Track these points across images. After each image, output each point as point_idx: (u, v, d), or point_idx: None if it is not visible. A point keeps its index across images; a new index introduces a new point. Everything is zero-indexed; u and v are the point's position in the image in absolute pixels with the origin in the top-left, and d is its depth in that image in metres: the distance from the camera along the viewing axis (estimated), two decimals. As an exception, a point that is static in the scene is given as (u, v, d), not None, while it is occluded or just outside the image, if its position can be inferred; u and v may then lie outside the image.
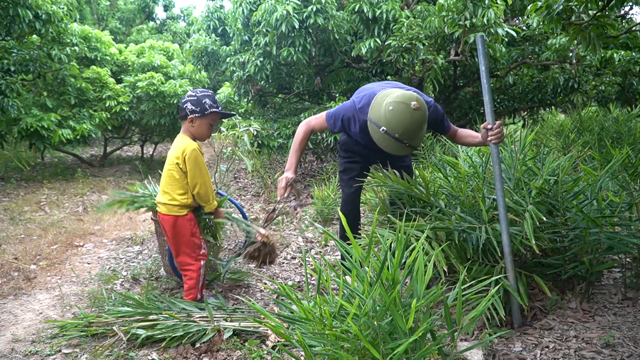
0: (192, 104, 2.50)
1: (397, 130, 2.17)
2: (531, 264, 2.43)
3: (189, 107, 2.50)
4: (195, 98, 2.51)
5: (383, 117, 2.19)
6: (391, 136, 2.19)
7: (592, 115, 5.86)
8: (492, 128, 2.17)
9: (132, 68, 8.23)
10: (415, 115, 2.15)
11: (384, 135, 2.20)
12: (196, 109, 2.50)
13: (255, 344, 2.25)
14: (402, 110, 2.15)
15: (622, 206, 2.37)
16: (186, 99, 2.52)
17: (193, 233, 2.58)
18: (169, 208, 2.54)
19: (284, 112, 7.34)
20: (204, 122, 2.54)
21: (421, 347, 1.57)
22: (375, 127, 2.23)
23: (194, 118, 2.52)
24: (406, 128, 2.16)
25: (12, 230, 4.25)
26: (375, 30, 5.46)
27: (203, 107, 2.50)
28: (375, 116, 2.24)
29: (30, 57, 6.25)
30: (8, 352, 2.29)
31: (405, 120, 2.15)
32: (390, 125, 2.17)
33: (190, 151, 2.48)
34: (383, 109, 2.19)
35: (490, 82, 6.86)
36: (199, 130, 2.55)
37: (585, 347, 2.03)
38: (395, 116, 2.15)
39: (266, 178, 5.60)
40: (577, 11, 3.02)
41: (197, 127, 2.54)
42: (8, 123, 6.09)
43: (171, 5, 17.77)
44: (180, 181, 2.52)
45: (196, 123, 2.53)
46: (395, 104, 2.16)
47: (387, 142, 2.23)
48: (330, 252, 3.73)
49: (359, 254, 1.72)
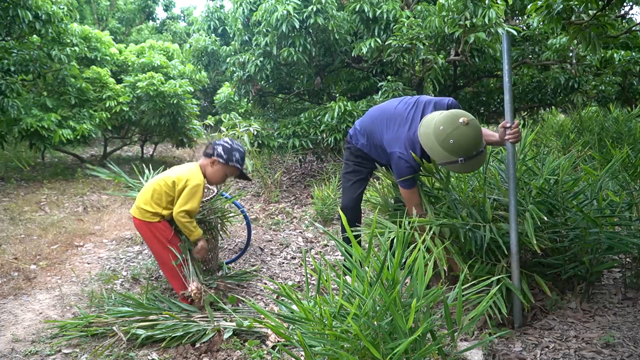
0: (223, 150, 2.63)
1: (471, 149, 2.15)
2: (531, 264, 2.43)
3: (218, 150, 2.62)
4: (229, 147, 2.65)
5: (451, 152, 2.15)
6: (472, 157, 2.17)
7: (592, 115, 5.86)
8: (511, 127, 2.15)
9: (132, 68, 8.23)
10: (470, 127, 2.13)
11: (466, 162, 2.17)
12: (224, 155, 2.62)
13: (255, 344, 2.25)
14: (462, 134, 2.12)
15: (622, 206, 2.37)
16: (221, 142, 2.65)
17: (169, 240, 2.61)
18: (142, 213, 2.60)
19: (284, 112, 7.34)
20: (222, 170, 2.66)
21: (421, 347, 1.57)
22: (456, 164, 2.19)
23: (217, 161, 2.63)
24: (475, 141, 2.15)
25: (12, 230, 4.25)
26: (376, 30, 5.46)
27: (230, 157, 2.63)
28: (443, 157, 2.19)
29: (30, 57, 6.25)
30: (8, 352, 2.29)
31: (470, 137, 2.13)
32: (465, 151, 2.14)
33: (196, 184, 2.55)
34: (446, 146, 2.14)
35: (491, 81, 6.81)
36: (214, 174, 2.66)
37: (585, 347, 2.03)
38: (461, 142, 2.12)
39: (266, 178, 5.60)
40: (577, 11, 3.02)
41: (214, 171, 2.65)
42: (8, 123, 6.08)
43: (171, 5, 17.76)
44: (165, 198, 2.58)
45: (215, 167, 2.65)
46: (450, 135, 2.12)
47: (471, 164, 2.20)
48: (330, 252, 3.72)
49: (359, 254, 1.72)
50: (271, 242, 3.96)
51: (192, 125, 7.88)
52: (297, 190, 5.80)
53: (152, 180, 2.66)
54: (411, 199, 2.44)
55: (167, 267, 2.65)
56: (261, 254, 3.67)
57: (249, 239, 3.42)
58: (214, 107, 10.95)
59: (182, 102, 7.36)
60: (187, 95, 7.51)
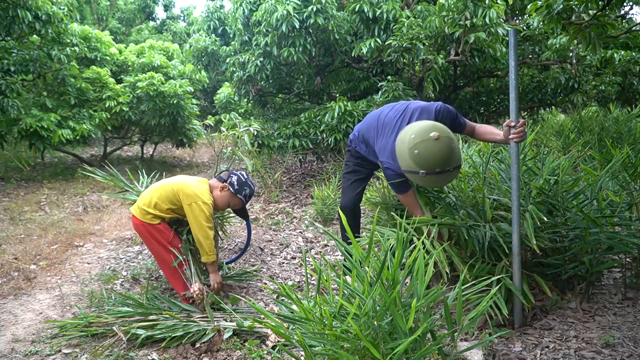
0: (237, 181, 2.75)
1: (434, 165, 2.10)
2: (531, 264, 2.43)
3: (233, 179, 2.74)
4: (243, 180, 2.77)
5: (415, 163, 2.12)
6: (433, 173, 2.12)
7: (592, 115, 5.86)
8: (516, 126, 2.12)
9: (132, 68, 8.23)
10: (440, 144, 2.07)
11: (428, 177, 2.14)
12: (236, 186, 2.74)
13: (255, 344, 2.25)
14: (428, 147, 2.08)
15: (622, 206, 2.37)
16: (238, 174, 2.78)
17: (170, 241, 2.64)
18: (142, 214, 2.62)
19: (284, 112, 7.34)
20: (228, 198, 2.75)
21: (421, 347, 1.57)
22: (416, 175, 2.16)
23: (227, 188, 2.73)
24: (441, 159, 2.09)
25: (12, 230, 4.25)
26: (376, 30, 5.46)
27: (240, 190, 2.75)
28: (407, 165, 2.17)
29: (30, 57, 6.25)
30: (8, 352, 2.29)
31: (436, 154, 2.08)
32: (428, 165, 2.10)
33: (202, 202, 2.59)
34: (411, 155, 2.13)
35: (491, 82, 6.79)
36: (220, 199, 2.73)
37: (585, 347, 2.03)
38: (426, 156, 2.09)
39: (266, 178, 5.60)
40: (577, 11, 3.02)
41: (221, 197, 2.74)
42: (8, 123, 6.09)
43: (171, 5, 17.77)
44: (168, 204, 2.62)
45: (224, 193, 2.74)
46: (416, 145, 2.10)
47: (433, 180, 2.17)
48: (330, 252, 3.72)
49: (359, 254, 1.72)
50: (271, 242, 3.96)
51: (192, 125, 7.88)
52: (297, 190, 5.80)
53: (159, 185, 2.67)
54: (408, 202, 2.44)
55: (167, 268, 2.66)
56: (261, 254, 3.67)
57: (249, 239, 3.42)
58: (214, 107, 10.95)
59: (182, 102, 7.36)
60: (187, 95, 7.51)
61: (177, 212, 2.65)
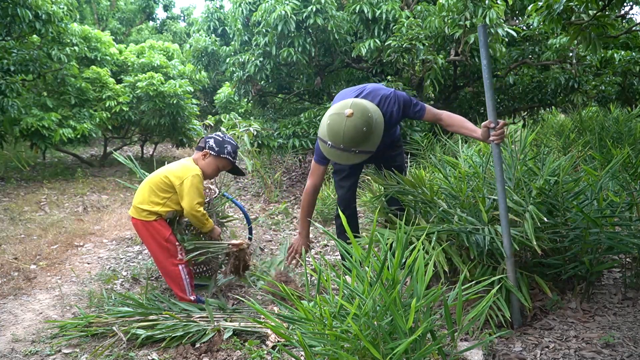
0: (215, 143, 2.66)
1: (338, 141, 2.15)
2: (531, 264, 2.43)
3: (210, 143, 2.66)
4: (221, 139, 2.68)
5: (326, 132, 2.19)
6: (337, 148, 2.18)
7: (592, 115, 5.85)
8: (495, 127, 2.11)
9: (132, 68, 8.23)
10: (350, 122, 2.11)
11: (332, 149, 2.20)
12: (215, 148, 2.65)
13: (255, 344, 2.25)
14: (337, 121, 2.14)
15: (622, 206, 2.37)
16: (212, 136, 2.68)
17: (166, 239, 2.61)
18: (138, 212, 2.60)
19: (284, 112, 7.33)
20: (214, 163, 2.68)
21: (421, 347, 1.57)
22: (324, 145, 2.22)
23: (209, 154, 2.66)
24: (346, 136, 2.13)
25: (12, 230, 4.25)
26: (375, 31, 5.46)
27: (221, 150, 2.66)
28: (321, 133, 2.24)
29: (30, 57, 6.25)
30: (8, 352, 2.29)
31: (341, 129, 2.12)
32: (333, 138, 2.16)
33: (191, 176, 2.56)
34: (325, 124, 2.21)
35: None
36: (207, 167, 2.67)
37: (585, 347, 2.03)
38: (333, 128, 2.15)
39: (266, 178, 5.60)
40: (578, 11, 3.02)
41: (207, 164, 2.67)
42: (9, 123, 6.09)
43: (171, 5, 17.76)
44: (160, 194, 2.59)
45: (207, 160, 2.67)
46: (331, 116, 2.18)
47: (337, 154, 2.22)
48: (330, 252, 3.72)
49: (359, 254, 1.72)
50: (271, 242, 3.96)
51: (192, 125, 7.89)
52: (297, 190, 5.80)
53: (148, 178, 2.66)
54: (311, 169, 2.60)
55: (165, 270, 2.65)
56: (261, 254, 3.67)
57: (250, 239, 3.42)
58: (214, 107, 10.95)
59: (182, 102, 7.36)
60: (187, 95, 7.51)
61: (172, 201, 2.61)
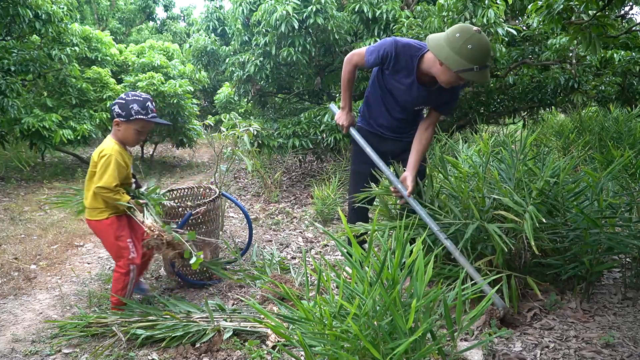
0: (119, 108, 2.46)
1: (485, 59, 2.18)
2: (531, 264, 2.43)
3: (115, 110, 2.48)
4: (124, 102, 2.46)
5: (470, 58, 2.15)
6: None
7: (592, 115, 5.85)
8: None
9: (132, 68, 8.23)
10: (483, 35, 2.16)
11: (482, 71, 2.19)
12: (122, 112, 2.46)
13: (255, 344, 2.25)
14: (478, 41, 2.13)
15: (622, 207, 2.37)
16: (115, 102, 2.49)
17: (117, 237, 2.51)
18: (89, 211, 2.52)
19: (284, 112, 7.33)
20: (130, 128, 2.49)
21: (421, 347, 1.57)
22: (470, 72, 2.18)
23: (120, 122, 2.48)
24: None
25: (12, 230, 4.25)
26: (375, 31, 5.46)
27: (129, 113, 2.45)
28: (460, 65, 2.17)
29: (30, 57, 6.25)
30: (8, 352, 2.29)
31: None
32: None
33: (106, 154, 2.42)
34: (464, 52, 2.15)
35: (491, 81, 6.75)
36: (124, 135, 2.51)
37: (585, 347, 2.03)
38: (479, 48, 2.14)
39: (266, 178, 5.60)
40: (577, 11, 3.02)
41: (123, 132, 2.50)
42: (9, 123, 6.09)
43: (171, 5, 17.78)
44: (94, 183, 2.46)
45: (122, 127, 2.50)
46: (469, 41, 2.14)
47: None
48: (330, 252, 3.72)
49: (359, 254, 1.72)
50: (271, 242, 3.96)
51: (192, 125, 7.88)
52: (297, 190, 5.80)
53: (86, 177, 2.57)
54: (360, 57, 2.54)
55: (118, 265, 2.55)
56: (261, 254, 3.67)
57: (250, 239, 3.42)
58: (214, 107, 10.94)
59: (182, 102, 7.36)
60: (187, 95, 7.51)
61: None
